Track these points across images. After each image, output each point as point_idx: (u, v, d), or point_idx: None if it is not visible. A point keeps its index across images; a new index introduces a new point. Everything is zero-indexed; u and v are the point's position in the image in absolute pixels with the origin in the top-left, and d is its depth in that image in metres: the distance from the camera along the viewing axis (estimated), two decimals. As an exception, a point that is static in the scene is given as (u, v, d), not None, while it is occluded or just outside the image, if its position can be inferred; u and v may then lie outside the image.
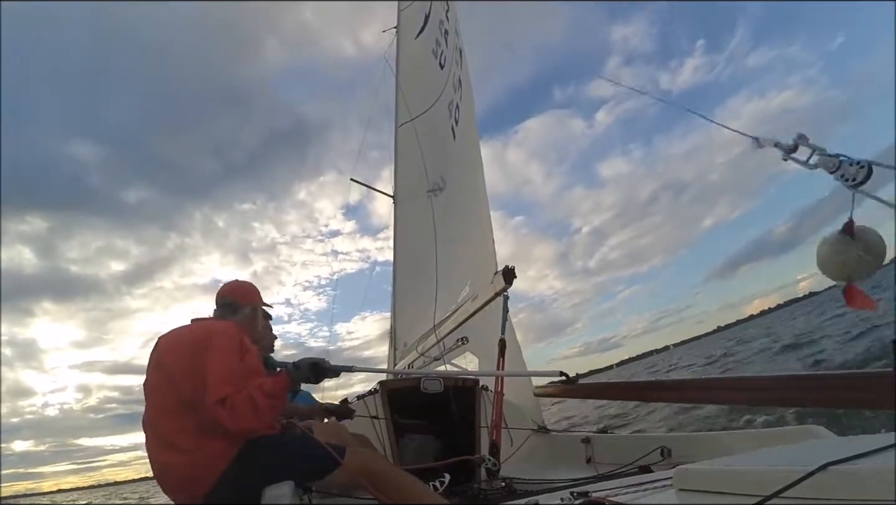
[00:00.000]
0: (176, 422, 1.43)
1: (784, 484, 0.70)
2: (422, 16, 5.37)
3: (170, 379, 1.46)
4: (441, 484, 2.39)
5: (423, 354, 4.20)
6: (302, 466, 1.51)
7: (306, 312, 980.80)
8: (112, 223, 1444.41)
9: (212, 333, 1.53)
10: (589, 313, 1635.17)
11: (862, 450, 0.74)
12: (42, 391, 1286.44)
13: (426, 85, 5.04)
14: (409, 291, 4.85)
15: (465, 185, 4.32)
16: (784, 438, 1.82)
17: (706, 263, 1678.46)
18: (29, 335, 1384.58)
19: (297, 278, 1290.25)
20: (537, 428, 3.42)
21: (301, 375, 1.47)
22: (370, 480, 1.47)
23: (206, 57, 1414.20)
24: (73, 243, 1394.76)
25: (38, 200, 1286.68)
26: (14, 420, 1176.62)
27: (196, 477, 1.41)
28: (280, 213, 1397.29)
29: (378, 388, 2.93)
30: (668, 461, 2.28)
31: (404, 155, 5.34)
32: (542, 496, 1.62)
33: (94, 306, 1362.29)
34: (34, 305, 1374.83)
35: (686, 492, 0.93)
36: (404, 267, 5.01)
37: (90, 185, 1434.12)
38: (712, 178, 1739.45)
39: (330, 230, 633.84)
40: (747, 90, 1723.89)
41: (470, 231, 4.07)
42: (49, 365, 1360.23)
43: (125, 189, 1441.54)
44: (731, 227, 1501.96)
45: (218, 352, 1.46)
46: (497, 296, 3.03)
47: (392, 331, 5.14)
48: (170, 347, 1.53)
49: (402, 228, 5.18)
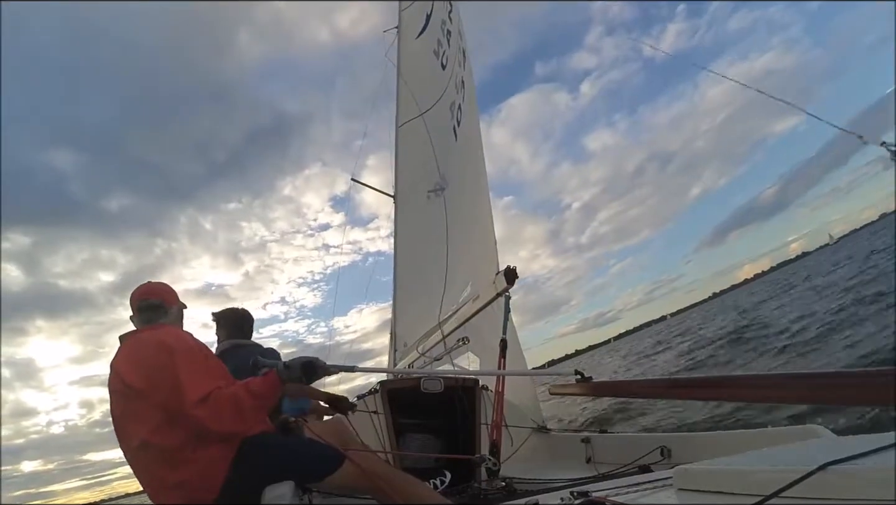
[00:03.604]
0: (173, 435, 1.36)
1: (784, 484, 0.70)
2: (423, 16, 5.38)
3: (146, 396, 1.37)
4: (441, 483, 2.39)
5: (424, 353, 4.21)
6: (302, 467, 1.50)
7: (302, 309, 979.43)
8: (96, 234, 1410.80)
9: (167, 342, 1.43)
10: (583, 290, 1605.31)
11: (862, 450, 0.74)
12: (45, 410, 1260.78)
13: (427, 85, 5.05)
14: (410, 291, 4.86)
15: (467, 185, 4.33)
16: (784, 438, 1.82)
17: (696, 232, 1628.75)
18: (25, 354, 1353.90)
19: (290, 275, 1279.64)
20: (537, 428, 3.43)
21: (291, 375, 1.38)
22: (371, 481, 1.46)
23: (181, 54, 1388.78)
24: (57, 258, 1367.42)
25: (17, 215, 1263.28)
26: (19, 441, 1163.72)
27: (204, 486, 1.37)
28: (267, 211, 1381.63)
29: (378, 387, 2.93)
30: (668, 461, 2.28)
31: (405, 155, 5.35)
32: (542, 496, 1.63)
33: (85, 320, 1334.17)
34: (27, 324, 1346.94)
35: (686, 492, 0.94)
36: (405, 266, 5.01)
37: (70, 194, 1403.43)
38: (698, 146, 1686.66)
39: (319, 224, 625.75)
40: (730, 53, 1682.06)
41: (471, 231, 4.07)
42: (49, 383, 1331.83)
43: (106, 197, 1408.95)
44: (719, 194, 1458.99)
45: (184, 355, 1.39)
46: (499, 296, 3.03)
47: (392, 331, 5.14)
48: (130, 369, 1.42)
49: (402, 228, 5.19)
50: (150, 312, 1.63)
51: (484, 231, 3.96)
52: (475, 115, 4.49)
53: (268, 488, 1.41)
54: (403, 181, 5.33)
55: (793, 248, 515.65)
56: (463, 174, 4.40)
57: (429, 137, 4.63)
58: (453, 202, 4.29)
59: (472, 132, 4.45)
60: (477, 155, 4.36)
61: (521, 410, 3.44)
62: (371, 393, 2.97)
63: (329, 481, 1.49)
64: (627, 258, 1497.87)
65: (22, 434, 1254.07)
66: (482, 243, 3.89)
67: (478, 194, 4.21)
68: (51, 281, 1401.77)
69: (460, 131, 4.49)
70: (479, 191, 4.22)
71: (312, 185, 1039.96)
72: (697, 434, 2.44)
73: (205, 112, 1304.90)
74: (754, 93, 1.86)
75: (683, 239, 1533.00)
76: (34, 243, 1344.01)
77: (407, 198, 5.21)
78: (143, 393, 1.38)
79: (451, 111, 4.60)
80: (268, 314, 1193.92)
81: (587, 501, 1.15)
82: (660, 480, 1.39)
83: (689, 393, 1.19)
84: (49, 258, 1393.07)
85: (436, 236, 4.21)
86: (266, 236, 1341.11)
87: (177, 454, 1.36)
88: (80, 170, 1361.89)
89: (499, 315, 3.11)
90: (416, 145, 5.06)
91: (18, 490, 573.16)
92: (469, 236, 4.05)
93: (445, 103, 4.70)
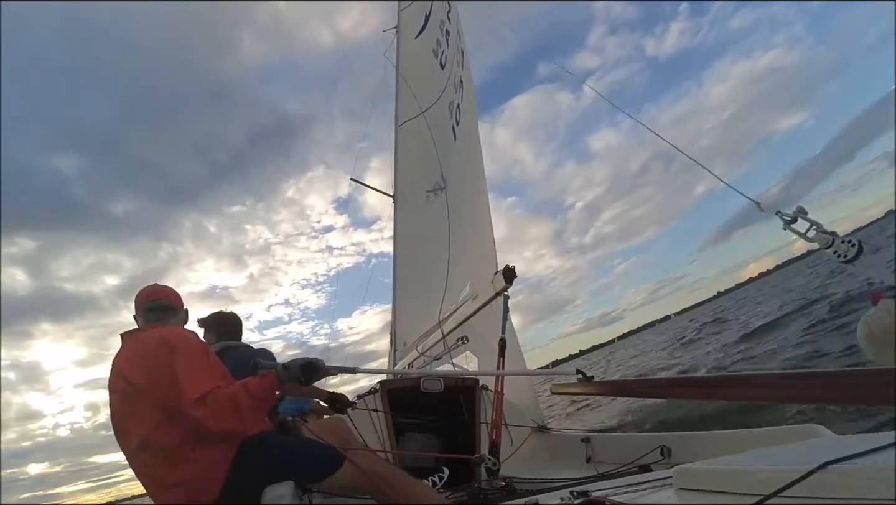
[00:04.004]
0: (172, 434, 1.36)
1: (784, 483, 0.70)
2: (422, 16, 5.38)
3: (147, 394, 1.38)
4: (440, 479, 2.39)
5: (424, 353, 4.21)
6: (302, 467, 1.50)
7: (306, 311, 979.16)
8: (101, 238, 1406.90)
9: (170, 341, 1.43)
10: (587, 289, 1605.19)
11: (862, 449, 0.74)
12: (51, 412, 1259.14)
13: (426, 85, 5.05)
14: (410, 291, 4.86)
15: (466, 185, 4.33)
16: (784, 438, 1.82)
17: (700, 230, 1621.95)
18: (31, 358, 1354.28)
19: (294, 277, 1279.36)
20: (537, 427, 3.43)
21: (290, 375, 1.37)
22: (371, 482, 1.46)
23: (182, 55, 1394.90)
24: (63, 262, 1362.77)
25: (23, 219, 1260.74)
26: (26, 444, 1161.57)
27: (204, 486, 1.38)
28: (270, 213, 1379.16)
29: (378, 387, 2.93)
30: (668, 461, 2.28)
31: (404, 154, 5.34)
32: (542, 496, 1.62)
33: (90, 323, 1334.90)
34: (32, 327, 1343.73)
35: (686, 491, 0.93)
36: (404, 266, 5.01)
37: (74, 198, 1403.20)
38: (702, 144, 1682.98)
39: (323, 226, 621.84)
40: (733, 52, 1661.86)
41: (471, 231, 4.07)
42: (54, 386, 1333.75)
43: (111, 201, 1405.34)
44: (724, 193, 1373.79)
45: (185, 354, 1.40)
46: (497, 295, 3.04)
47: (392, 331, 5.14)
48: (132, 366, 1.43)
49: (402, 228, 5.19)
50: (159, 313, 1.63)
51: (483, 231, 3.96)
52: (474, 115, 4.49)
53: (268, 488, 1.41)
54: (403, 181, 5.33)
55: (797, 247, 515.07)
56: (462, 174, 4.40)
57: (430, 135, 4.63)
58: (452, 202, 4.29)
59: (470, 132, 4.45)
60: (476, 154, 4.37)
61: (521, 410, 3.45)
62: (371, 393, 2.98)
63: (329, 482, 1.49)
64: (631, 258, 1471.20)
65: (28, 437, 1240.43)
66: (481, 243, 3.89)
67: (477, 194, 4.21)
68: (56, 285, 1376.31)
69: (459, 131, 4.49)
70: (478, 190, 4.22)
71: (315, 187, 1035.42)
72: (697, 434, 2.44)
73: (206, 113, 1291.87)
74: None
75: (688, 238, 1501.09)
76: (40, 247, 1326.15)
77: (406, 197, 5.21)
78: (143, 390, 1.38)
79: (449, 111, 4.60)
80: (272, 316, 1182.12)
81: (587, 501, 1.15)
82: (660, 479, 1.39)
83: (690, 392, 1.19)
84: (55, 262, 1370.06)
85: (435, 236, 4.21)
86: (270, 239, 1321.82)
87: (177, 453, 1.36)
88: (82, 173, 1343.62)
89: (498, 315, 3.11)
90: (415, 145, 5.06)
91: (26, 493, 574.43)
92: (468, 236, 4.05)
93: (444, 103, 4.70)
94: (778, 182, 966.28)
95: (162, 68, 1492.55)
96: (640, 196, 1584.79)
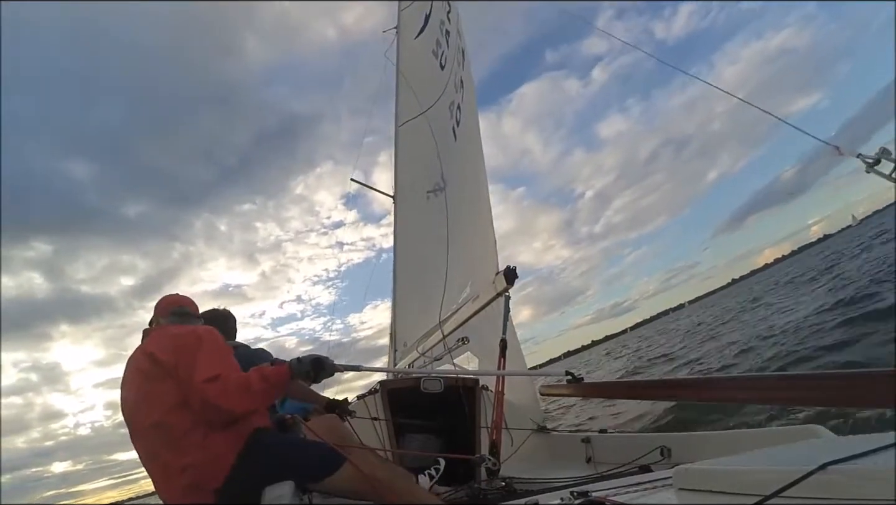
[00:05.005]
0: (185, 417, 1.40)
1: (784, 484, 0.70)
2: (422, 16, 5.38)
3: (169, 372, 1.44)
4: (436, 471, 2.40)
5: (424, 353, 4.21)
6: (303, 467, 1.50)
7: (318, 307, 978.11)
8: (115, 241, 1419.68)
9: (198, 331, 1.55)
10: (598, 279, 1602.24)
11: (862, 449, 0.74)
12: (72, 412, 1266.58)
13: (426, 85, 5.05)
14: (410, 291, 4.86)
15: (467, 185, 4.33)
16: (784, 438, 1.82)
17: (713, 217, 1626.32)
18: (51, 359, 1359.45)
19: (305, 274, 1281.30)
20: (537, 428, 3.43)
21: (302, 369, 1.46)
22: (371, 484, 1.46)
23: (188, 57, 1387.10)
24: (79, 265, 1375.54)
25: (39, 224, 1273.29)
26: (49, 443, 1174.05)
27: (210, 472, 1.40)
28: (280, 211, 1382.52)
29: (378, 387, 2.94)
30: (668, 461, 2.28)
31: (404, 155, 5.34)
32: (542, 496, 1.63)
33: (108, 324, 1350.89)
34: (51, 329, 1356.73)
35: (686, 491, 0.93)
36: (404, 266, 5.01)
37: (88, 203, 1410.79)
38: (714, 129, 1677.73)
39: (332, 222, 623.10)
40: (744, 33, 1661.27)
41: (471, 231, 4.07)
42: (75, 386, 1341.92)
43: (123, 205, 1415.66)
44: (736, 178, 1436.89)
45: (209, 346, 1.49)
46: (498, 296, 3.04)
47: (392, 331, 5.14)
48: (161, 347, 1.51)
49: (402, 228, 5.19)
50: (179, 318, 1.76)
51: (483, 231, 3.97)
52: (474, 115, 4.49)
53: (268, 488, 1.42)
54: (403, 181, 5.33)
55: (814, 231, 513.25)
56: (462, 174, 4.40)
57: (431, 134, 4.63)
58: (453, 202, 4.29)
59: (471, 132, 4.45)
60: (476, 154, 4.36)
61: (521, 410, 3.45)
62: (371, 393, 2.98)
63: (329, 483, 1.49)
64: (643, 246, 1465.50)
65: (51, 437, 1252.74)
66: (482, 244, 3.90)
67: (477, 194, 4.22)
68: (73, 287, 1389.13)
69: (459, 131, 4.49)
70: (478, 190, 4.22)
71: (324, 184, 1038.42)
72: (697, 434, 2.44)
73: (212, 115, 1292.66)
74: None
75: (700, 225, 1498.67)
76: (55, 251, 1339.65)
77: (406, 198, 5.21)
78: (168, 369, 1.45)
79: (450, 111, 4.61)
80: (285, 313, 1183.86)
81: (587, 501, 1.15)
82: (660, 479, 1.40)
83: (682, 394, 1.19)
84: (71, 265, 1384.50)
85: (435, 236, 4.21)
86: (281, 236, 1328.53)
87: (187, 437, 1.40)
88: (94, 177, 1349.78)
89: (499, 315, 3.11)
90: (415, 145, 5.06)
91: (50, 490, 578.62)
92: (468, 237, 4.06)
93: (445, 103, 4.70)
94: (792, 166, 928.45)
95: (167, 72, 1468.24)
96: (651, 184, 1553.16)
